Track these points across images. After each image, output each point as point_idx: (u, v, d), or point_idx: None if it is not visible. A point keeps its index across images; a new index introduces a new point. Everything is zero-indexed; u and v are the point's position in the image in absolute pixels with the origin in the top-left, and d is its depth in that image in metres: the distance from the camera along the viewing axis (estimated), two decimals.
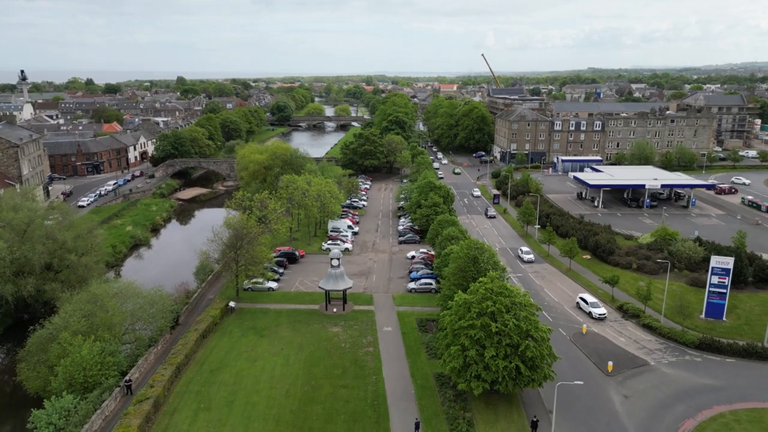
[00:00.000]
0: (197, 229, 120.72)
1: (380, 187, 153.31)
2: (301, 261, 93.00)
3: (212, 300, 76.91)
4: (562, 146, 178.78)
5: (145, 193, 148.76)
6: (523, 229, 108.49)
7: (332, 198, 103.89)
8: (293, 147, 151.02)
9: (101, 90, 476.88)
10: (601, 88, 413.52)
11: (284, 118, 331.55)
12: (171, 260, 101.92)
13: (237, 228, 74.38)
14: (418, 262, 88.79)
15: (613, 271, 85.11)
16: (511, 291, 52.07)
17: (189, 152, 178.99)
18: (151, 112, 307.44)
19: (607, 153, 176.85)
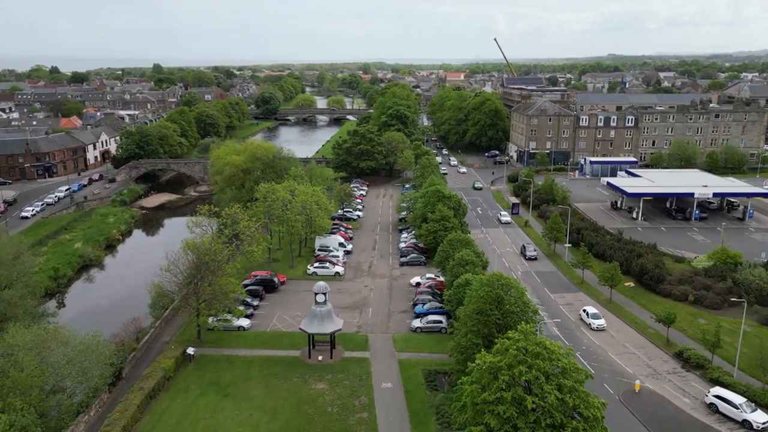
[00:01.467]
0: (162, 244, 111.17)
1: (378, 194, 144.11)
2: (281, 289, 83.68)
3: (167, 343, 67.56)
4: (588, 145, 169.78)
5: (103, 200, 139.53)
6: (549, 247, 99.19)
7: (320, 210, 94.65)
8: (277, 146, 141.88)
9: (67, 79, 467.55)
10: (626, 77, 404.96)
11: (270, 111, 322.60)
12: (126, 286, 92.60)
13: (198, 253, 65.00)
14: (424, 291, 79.52)
15: (664, 304, 75.90)
16: (551, 351, 42.69)
17: (157, 152, 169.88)
18: (119, 105, 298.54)
19: (641, 153, 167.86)
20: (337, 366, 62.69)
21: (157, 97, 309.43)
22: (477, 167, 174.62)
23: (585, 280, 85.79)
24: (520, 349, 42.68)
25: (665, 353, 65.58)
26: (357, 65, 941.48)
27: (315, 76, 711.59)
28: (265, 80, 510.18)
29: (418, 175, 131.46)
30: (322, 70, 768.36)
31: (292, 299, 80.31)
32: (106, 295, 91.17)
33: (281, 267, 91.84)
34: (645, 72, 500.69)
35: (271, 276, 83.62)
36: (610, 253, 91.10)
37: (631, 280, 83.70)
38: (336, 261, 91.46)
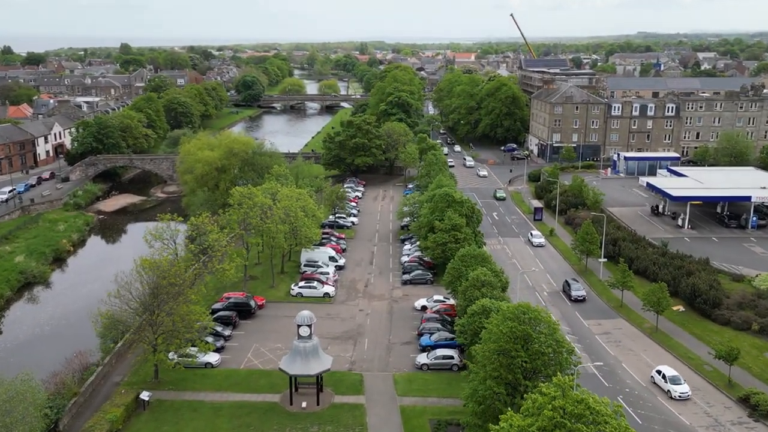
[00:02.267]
0: (121, 257, 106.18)
1: (376, 195, 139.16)
2: (258, 314, 78.69)
3: (118, 385, 62.58)
4: (622, 137, 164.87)
5: (54, 203, 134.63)
6: (580, 262, 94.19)
7: (308, 218, 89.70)
8: (258, 139, 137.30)
9: (21, 60, 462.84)
10: (660, 58, 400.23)
11: (253, 98, 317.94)
12: (74, 309, 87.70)
13: (155, 276, 59.98)
14: (431, 318, 74.53)
15: (722, 334, 71.11)
16: (597, 411, 37.73)
17: (119, 146, 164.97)
18: (78, 90, 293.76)
19: (683, 147, 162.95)
20: (324, 415, 57.71)
21: (123, 82, 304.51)
22: (491, 163, 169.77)
23: (624, 302, 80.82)
24: (556, 409, 37.75)
25: (728, 398, 60.61)
26: (353, 45, 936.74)
27: (305, 57, 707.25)
28: (248, 62, 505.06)
29: (423, 174, 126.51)
30: (313, 51, 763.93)
31: (271, 327, 75.32)
32: (50, 319, 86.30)
33: (260, 286, 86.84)
34: (681, 52, 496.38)
35: (247, 299, 78.61)
36: (653, 270, 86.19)
37: (680, 304, 78.76)
38: (325, 279, 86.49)
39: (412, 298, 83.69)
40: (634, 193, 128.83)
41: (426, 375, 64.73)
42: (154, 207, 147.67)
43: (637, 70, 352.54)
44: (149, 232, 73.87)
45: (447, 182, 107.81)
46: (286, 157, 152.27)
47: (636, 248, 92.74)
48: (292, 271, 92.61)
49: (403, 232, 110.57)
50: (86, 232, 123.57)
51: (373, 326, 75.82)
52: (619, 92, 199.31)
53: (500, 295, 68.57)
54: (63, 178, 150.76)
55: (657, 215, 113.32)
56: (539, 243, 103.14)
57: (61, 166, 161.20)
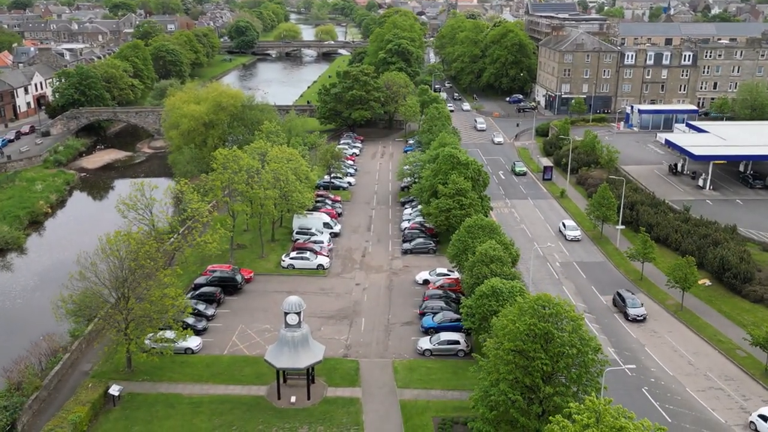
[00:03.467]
0: (103, 219, 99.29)
1: (375, 152, 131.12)
2: (246, 289, 72.08)
3: (87, 375, 56.40)
4: (634, 88, 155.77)
5: (33, 160, 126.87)
6: (595, 227, 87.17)
7: (299, 181, 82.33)
8: (251, 89, 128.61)
9: (7, 4, 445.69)
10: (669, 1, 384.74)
11: (246, 44, 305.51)
12: (50, 279, 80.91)
13: (123, 258, 53.00)
14: (434, 296, 67.90)
15: (755, 313, 65.06)
16: None
17: (102, 97, 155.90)
18: (65, 36, 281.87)
19: (699, 98, 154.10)
20: (316, 412, 51.61)
21: (111, 28, 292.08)
22: (497, 116, 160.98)
23: (645, 275, 74.17)
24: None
25: (765, 389, 54.50)
26: None
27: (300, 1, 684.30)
28: (242, 6, 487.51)
29: (425, 130, 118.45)
30: None
31: (259, 305, 68.82)
32: (22, 292, 79.78)
33: (248, 257, 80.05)
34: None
35: (233, 273, 71.80)
36: (675, 238, 79.35)
37: (706, 277, 72.11)
38: (319, 249, 79.64)
39: (413, 270, 76.99)
40: (650, 149, 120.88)
41: (429, 362, 58.44)
42: (141, 163, 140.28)
43: (646, 14, 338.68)
44: (122, 202, 66.54)
45: (451, 140, 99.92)
46: (279, 111, 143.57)
47: (655, 213, 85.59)
48: (284, 239, 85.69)
49: (404, 193, 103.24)
50: (66, 192, 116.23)
51: (371, 303, 69.30)
52: (630, 39, 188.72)
53: (511, 272, 61.99)
54: (43, 133, 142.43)
55: (675, 174, 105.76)
56: (574, 237, 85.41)
57: (41, 120, 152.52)
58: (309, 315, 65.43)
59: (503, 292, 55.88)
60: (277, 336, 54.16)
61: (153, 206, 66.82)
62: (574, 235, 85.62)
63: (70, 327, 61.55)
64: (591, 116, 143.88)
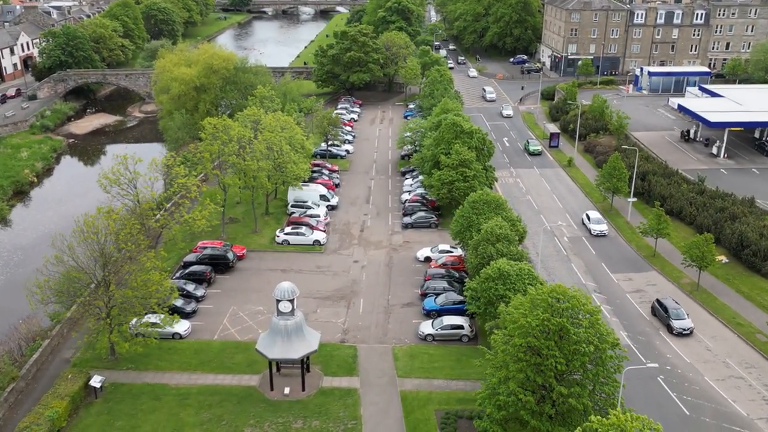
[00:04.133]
0: (91, 189, 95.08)
1: (374, 117, 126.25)
2: (238, 267, 68.49)
3: (68, 363, 53.19)
4: (644, 49, 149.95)
5: (19, 125, 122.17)
6: (605, 200, 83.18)
7: (294, 151, 78.11)
8: (246, 49, 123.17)
9: None
10: None
11: (242, 2, 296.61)
12: (33, 255, 77.18)
13: (102, 241, 49.20)
14: (436, 275, 64.32)
15: None
16: None
17: (91, 59, 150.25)
18: None
19: (710, 59, 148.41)
20: (311, 404, 48.49)
21: None
22: (500, 77, 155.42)
23: (658, 251, 70.50)
24: None
25: None
26: None
27: None
28: None
29: (426, 94, 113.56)
30: None
31: (252, 284, 65.31)
32: (4, 269, 76.45)
33: (241, 231, 76.28)
34: None
35: (225, 250, 68.10)
36: (690, 212, 75.52)
37: (722, 253, 68.48)
38: (316, 223, 75.82)
39: (414, 245, 73.30)
40: (660, 114, 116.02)
41: (431, 348, 55.18)
42: (132, 128, 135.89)
43: None
44: (104, 176, 62.39)
45: (453, 105, 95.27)
46: (274, 73, 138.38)
47: (668, 185, 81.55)
48: (279, 212, 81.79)
49: (404, 162, 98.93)
50: (53, 159, 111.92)
51: (370, 282, 65.79)
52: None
53: (518, 252, 58.45)
54: (30, 96, 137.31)
55: (687, 141, 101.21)
56: (600, 232, 74.94)
57: (28, 82, 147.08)
58: (304, 296, 62.23)
59: (510, 275, 52.49)
60: (270, 321, 50.69)
61: (137, 180, 62.67)
62: (600, 230, 74.54)
63: (50, 311, 58.00)
64: (599, 78, 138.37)
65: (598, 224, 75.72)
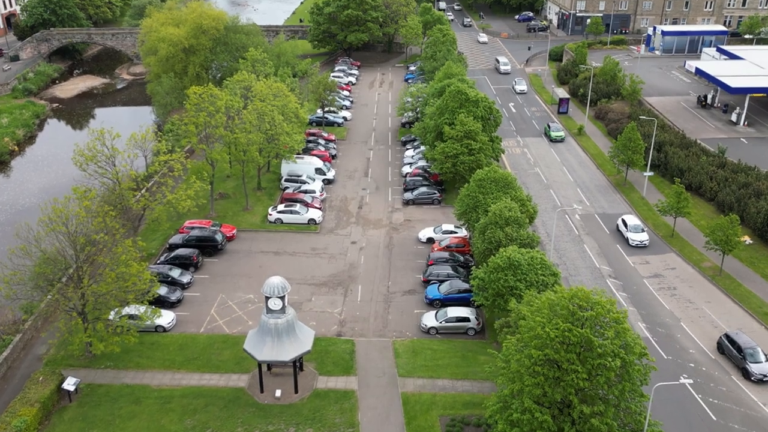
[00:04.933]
0: None
1: (373, 80, 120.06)
2: (228, 249, 63.94)
3: (42, 358, 49.08)
4: (656, 5, 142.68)
5: (0, 89, 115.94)
6: (619, 173, 78.17)
7: (288, 122, 72.81)
8: (236, 9, 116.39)
9: None
10: None
11: None
12: (11, 233, 72.52)
13: (72, 232, 44.50)
14: (439, 260, 59.84)
15: None
16: None
17: (76, 17, 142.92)
18: None
19: (726, 16, 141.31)
20: (304, 409, 44.47)
21: None
22: (505, 36, 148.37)
23: (677, 231, 65.86)
24: None
25: None
26: None
27: None
28: None
29: (428, 56, 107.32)
30: None
31: (243, 268, 60.85)
32: None
33: (231, 209, 71.50)
34: None
35: (213, 231, 63.43)
36: (710, 187, 70.67)
37: (746, 233, 63.91)
38: (311, 200, 70.99)
39: (415, 224, 68.64)
40: (675, 77, 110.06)
41: (434, 343, 50.99)
42: (121, 91, 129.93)
43: None
44: (79, 153, 57.23)
45: (457, 70, 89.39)
46: (268, 33, 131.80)
47: (686, 157, 76.51)
48: (272, 187, 76.83)
49: (405, 131, 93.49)
50: (35, 126, 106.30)
51: (368, 266, 61.31)
52: None
53: (529, 236, 53.85)
54: (12, 57, 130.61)
55: (704, 107, 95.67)
56: (640, 242, 63.71)
57: (9, 42, 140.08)
58: (299, 282, 58.07)
59: (522, 265, 48.05)
60: (260, 318, 46.36)
61: (116, 158, 57.54)
62: (640, 240, 62.82)
63: (23, 302, 53.57)
64: (609, 38, 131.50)
65: (638, 233, 62.71)
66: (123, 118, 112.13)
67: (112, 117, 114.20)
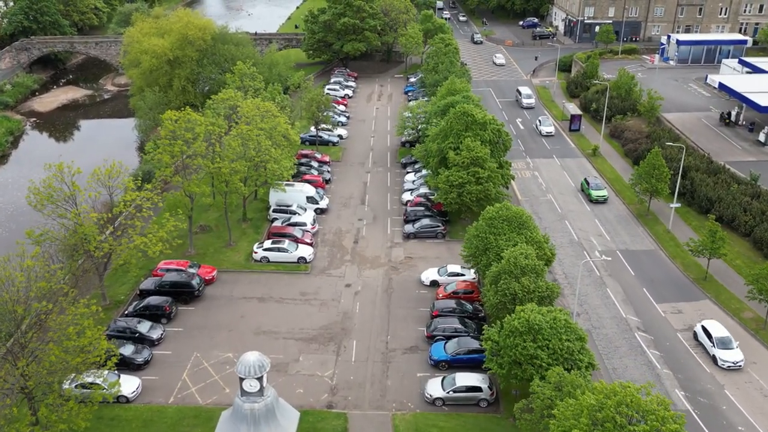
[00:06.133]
0: None
1: (371, 92, 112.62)
2: (207, 294, 56.57)
3: None
4: (668, 12, 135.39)
5: None
6: (642, 202, 70.80)
7: (276, 146, 65.55)
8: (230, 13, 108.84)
9: None
10: None
11: None
12: None
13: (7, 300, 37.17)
14: (446, 310, 52.53)
15: None
16: None
17: (59, 25, 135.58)
18: None
19: (741, 23, 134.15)
20: None
21: None
22: (509, 44, 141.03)
23: (710, 274, 58.57)
24: None
25: None
26: None
27: None
28: None
29: (430, 68, 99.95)
30: None
31: (222, 319, 53.51)
32: None
33: (213, 244, 64.14)
34: None
35: (188, 276, 55.94)
36: (744, 221, 63.38)
37: None
38: (301, 234, 63.63)
39: (417, 263, 61.34)
40: (693, 91, 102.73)
41: (441, 418, 43.62)
42: (105, 102, 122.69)
43: None
44: (34, 191, 49.84)
45: (461, 86, 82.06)
46: (260, 41, 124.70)
47: (715, 185, 69.23)
48: (259, 217, 69.45)
49: (405, 150, 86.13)
50: (8, 145, 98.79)
51: (365, 316, 54.00)
52: None
53: (549, 288, 46.71)
54: None
55: (728, 125, 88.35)
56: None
57: None
58: (285, 336, 51.04)
59: (543, 329, 40.84)
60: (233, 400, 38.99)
61: (76, 196, 50.18)
62: (734, 361, 47.72)
63: None
64: (620, 47, 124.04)
65: (728, 350, 48.54)
66: (105, 133, 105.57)
67: (94, 132, 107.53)
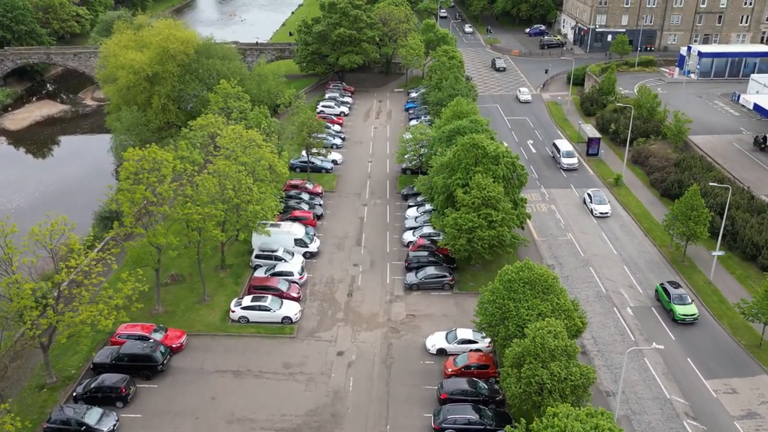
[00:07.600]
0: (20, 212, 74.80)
1: (368, 109, 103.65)
2: (173, 367, 47.74)
3: None
4: (685, 20, 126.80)
5: None
6: (678, 248, 61.94)
7: (260, 181, 56.93)
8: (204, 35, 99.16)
9: None
10: None
11: None
12: None
13: None
14: (457, 393, 43.78)
15: None
16: None
17: (36, 34, 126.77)
18: None
19: (763, 32, 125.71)
20: None
21: None
22: (516, 54, 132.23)
23: (765, 340, 49.85)
24: None
25: None
26: None
27: None
28: None
29: (432, 85, 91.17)
30: None
31: (189, 401, 44.69)
32: None
33: (185, 299, 55.30)
34: None
35: (151, 347, 46.99)
36: None
37: None
38: (288, 287, 54.86)
39: (421, 322, 52.61)
40: (720, 109, 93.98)
41: None
42: (83, 118, 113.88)
43: None
44: None
45: (468, 107, 73.36)
46: (251, 52, 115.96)
47: (760, 225, 60.54)
48: (240, 264, 60.51)
49: (406, 178, 77.35)
50: None
51: (359, 397, 45.23)
52: None
53: (583, 375, 38.04)
54: None
55: (763, 150, 79.74)
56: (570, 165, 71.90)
57: None
58: (264, 427, 42.19)
59: None
60: None
61: (13, 259, 41.44)
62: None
63: None
64: (637, 59, 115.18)
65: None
66: (80, 155, 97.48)
67: (67, 152, 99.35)
